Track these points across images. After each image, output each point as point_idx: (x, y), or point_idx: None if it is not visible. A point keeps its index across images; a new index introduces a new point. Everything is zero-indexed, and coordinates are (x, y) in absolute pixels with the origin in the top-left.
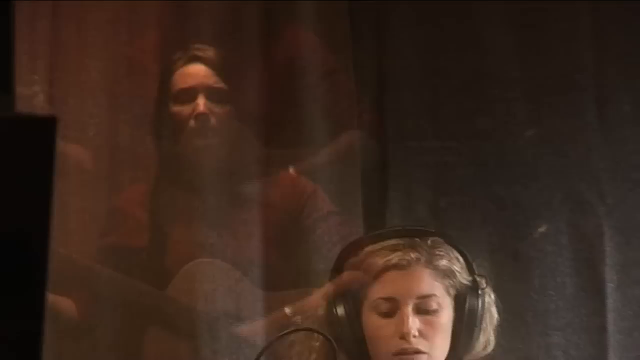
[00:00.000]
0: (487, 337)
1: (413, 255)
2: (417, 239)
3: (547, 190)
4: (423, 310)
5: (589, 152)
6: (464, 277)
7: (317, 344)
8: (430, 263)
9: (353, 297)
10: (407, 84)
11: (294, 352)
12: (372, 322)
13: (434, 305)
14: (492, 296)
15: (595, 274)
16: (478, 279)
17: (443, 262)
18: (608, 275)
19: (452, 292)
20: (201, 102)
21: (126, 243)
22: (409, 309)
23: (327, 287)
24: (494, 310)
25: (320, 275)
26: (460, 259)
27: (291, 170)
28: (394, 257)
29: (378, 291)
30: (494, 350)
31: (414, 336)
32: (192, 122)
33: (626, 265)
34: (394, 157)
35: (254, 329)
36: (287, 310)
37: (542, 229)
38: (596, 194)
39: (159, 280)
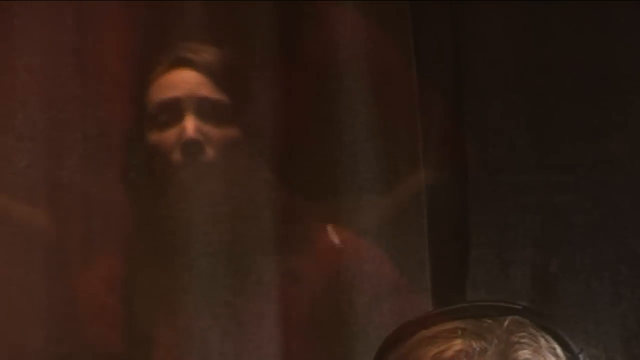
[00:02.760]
0: None
1: (477, 344)
2: (487, 320)
3: None
4: None
5: None
6: None
7: None
8: (504, 356)
9: None
10: (497, 89)
11: None
12: None
13: None
14: None
15: None
16: None
17: (524, 355)
18: None
19: None
20: (190, 123)
21: (92, 349)
22: None
23: None
24: None
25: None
26: (559, 350)
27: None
28: (448, 349)
29: None
30: None
31: None
32: (177, 154)
33: None
34: (476, 198)
35: None
36: None
37: None
38: None
39: None
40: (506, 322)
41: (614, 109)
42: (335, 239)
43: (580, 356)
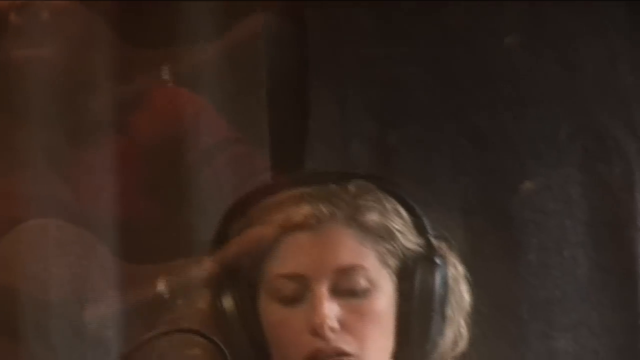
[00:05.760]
0: (455, 330)
1: (326, 209)
2: (332, 185)
3: (549, 119)
4: (346, 290)
5: (612, 61)
6: (409, 240)
7: (199, 352)
8: (353, 219)
9: (244, 279)
10: None
11: None
12: (272, 313)
13: (362, 283)
14: (460, 268)
15: (623, 243)
16: (434, 241)
17: (373, 217)
18: None
19: (393, 262)
20: None
21: None
22: (324, 289)
23: (207, 266)
24: (463, 288)
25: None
26: (403, 212)
27: (165, 77)
28: (298, 213)
29: (277, 265)
30: (465, 356)
31: (332, 330)
32: (13, 17)
33: None
34: (316, 71)
35: (107, 315)
36: (159, 286)
37: (540, 178)
38: (623, 124)
39: None
40: (352, 187)
41: None
42: (174, 87)
43: (424, 219)
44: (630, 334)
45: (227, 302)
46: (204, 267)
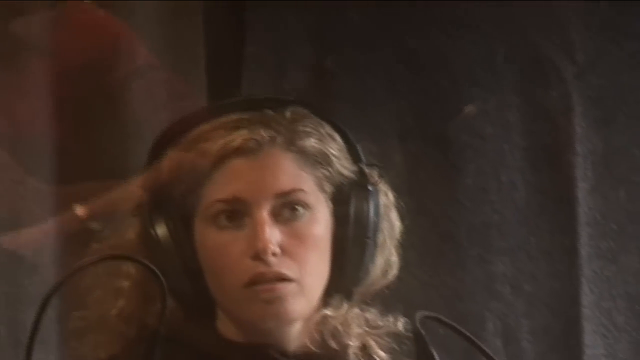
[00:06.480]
0: (386, 258)
1: (265, 133)
2: (269, 111)
3: (486, 43)
4: (286, 215)
5: None
6: (344, 166)
7: (127, 283)
8: (292, 144)
9: (177, 207)
10: None
11: (92, 298)
12: (210, 239)
13: (302, 208)
14: (391, 196)
15: (560, 168)
16: (367, 169)
17: (311, 142)
18: (579, 171)
19: (329, 188)
20: None
21: None
22: (264, 213)
23: (136, 194)
24: (394, 216)
25: (135, 159)
26: (338, 138)
27: None
28: (236, 138)
29: (215, 191)
30: (402, 280)
31: (274, 254)
32: None
33: (607, 155)
34: None
35: (26, 240)
36: (77, 209)
37: (478, 102)
38: (560, 47)
39: None
40: (288, 113)
41: None
42: (93, 7)
43: (358, 146)
44: (567, 257)
45: (160, 230)
46: (133, 195)
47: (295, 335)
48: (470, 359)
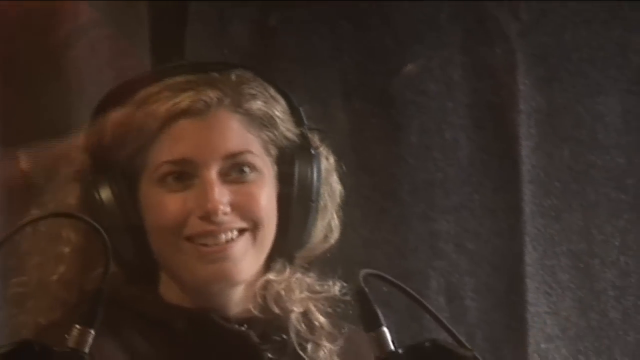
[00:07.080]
0: (327, 222)
1: (213, 94)
2: (215, 74)
3: (429, 1)
4: (234, 176)
5: None
6: (289, 129)
7: (67, 249)
8: (239, 106)
9: (124, 167)
10: None
11: (31, 264)
12: (157, 200)
13: (250, 169)
14: (332, 160)
15: (504, 126)
16: (309, 133)
17: (257, 105)
18: (523, 128)
19: (274, 150)
20: None
21: None
22: (213, 174)
23: (76, 159)
24: (335, 181)
25: (78, 117)
26: (282, 101)
27: None
28: (184, 99)
29: (163, 152)
30: (346, 238)
31: (225, 213)
32: None
33: (551, 113)
34: None
35: None
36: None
37: (421, 60)
38: (505, 5)
39: None
40: (233, 76)
41: None
42: None
43: (301, 109)
44: (511, 215)
45: (104, 193)
46: (73, 159)
47: (238, 299)
48: (414, 316)
